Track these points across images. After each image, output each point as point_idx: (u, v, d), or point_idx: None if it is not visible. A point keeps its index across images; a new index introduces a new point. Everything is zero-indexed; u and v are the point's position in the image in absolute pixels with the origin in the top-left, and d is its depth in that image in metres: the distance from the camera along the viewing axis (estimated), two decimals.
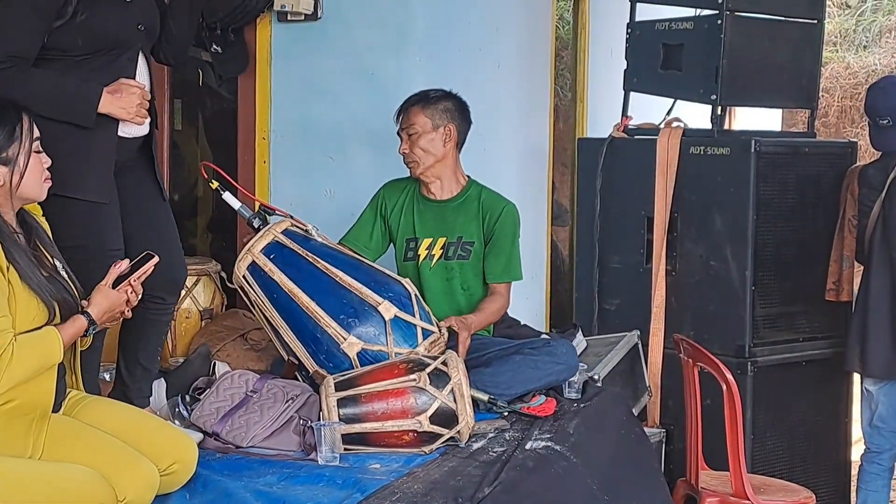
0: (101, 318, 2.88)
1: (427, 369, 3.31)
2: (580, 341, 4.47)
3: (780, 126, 8.45)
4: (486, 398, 3.56)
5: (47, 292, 2.78)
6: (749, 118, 7.64)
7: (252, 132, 4.86)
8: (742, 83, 4.78)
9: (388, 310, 3.58)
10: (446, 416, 3.27)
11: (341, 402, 3.27)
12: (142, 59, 3.43)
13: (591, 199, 5.05)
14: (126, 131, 3.38)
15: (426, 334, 3.64)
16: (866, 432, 4.50)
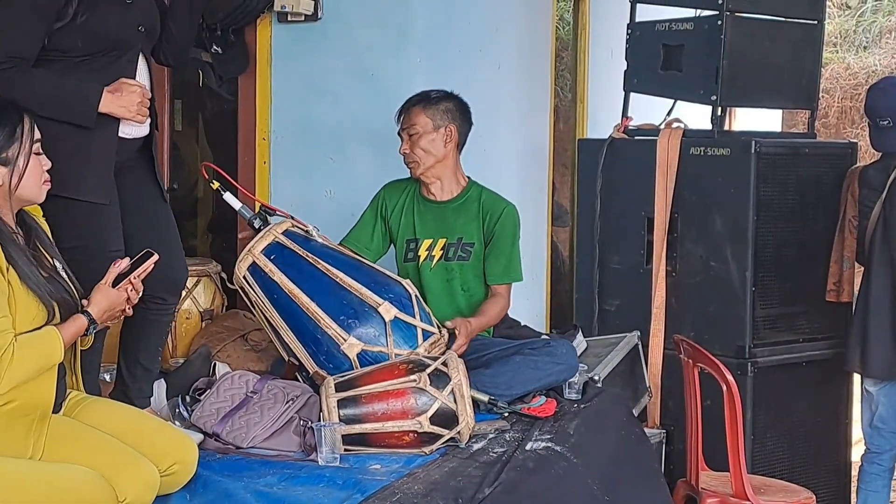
0: (101, 317, 2.88)
1: (427, 370, 3.31)
2: (580, 342, 4.46)
3: (780, 127, 8.44)
4: (486, 399, 3.56)
5: (47, 292, 2.78)
6: (749, 119, 7.63)
7: (252, 133, 4.86)
8: (742, 84, 4.78)
9: (388, 311, 3.58)
10: (446, 417, 3.27)
11: (341, 403, 3.27)
12: (142, 60, 3.43)
13: (591, 200, 5.04)
14: (126, 132, 3.38)
15: (426, 335, 3.63)
16: (866, 433, 4.50)
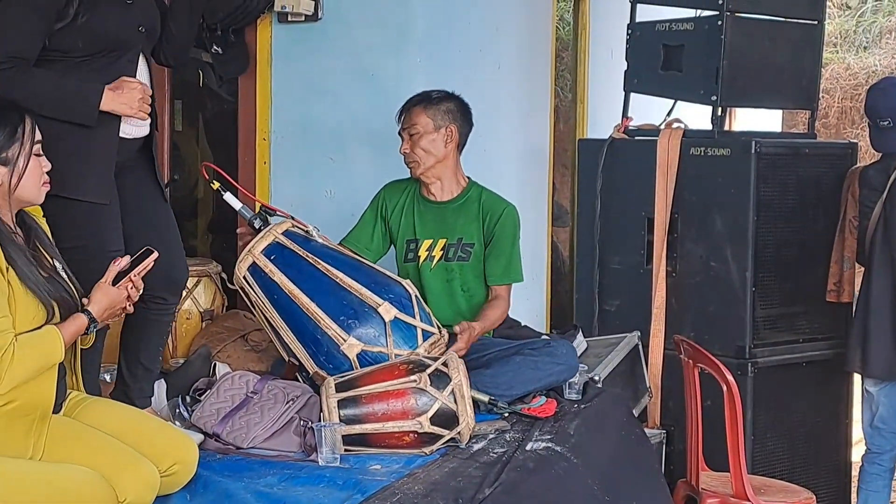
0: (101, 315, 2.88)
1: (427, 370, 3.31)
2: (580, 342, 4.46)
3: (780, 127, 8.44)
4: (486, 399, 3.55)
5: (46, 292, 2.78)
6: (749, 119, 7.63)
7: (252, 133, 4.86)
8: (742, 84, 4.78)
9: (388, 311, 3.57)
10: (447, 417, 3.27)
11: (342, 404, 3.27)
12: (142, 60, 3.43)
13: (591, 200, 5.04)
14: (126, 132, 3.38)
15: (426, 335, 3.63)
16: (867, 433, 4.50)
